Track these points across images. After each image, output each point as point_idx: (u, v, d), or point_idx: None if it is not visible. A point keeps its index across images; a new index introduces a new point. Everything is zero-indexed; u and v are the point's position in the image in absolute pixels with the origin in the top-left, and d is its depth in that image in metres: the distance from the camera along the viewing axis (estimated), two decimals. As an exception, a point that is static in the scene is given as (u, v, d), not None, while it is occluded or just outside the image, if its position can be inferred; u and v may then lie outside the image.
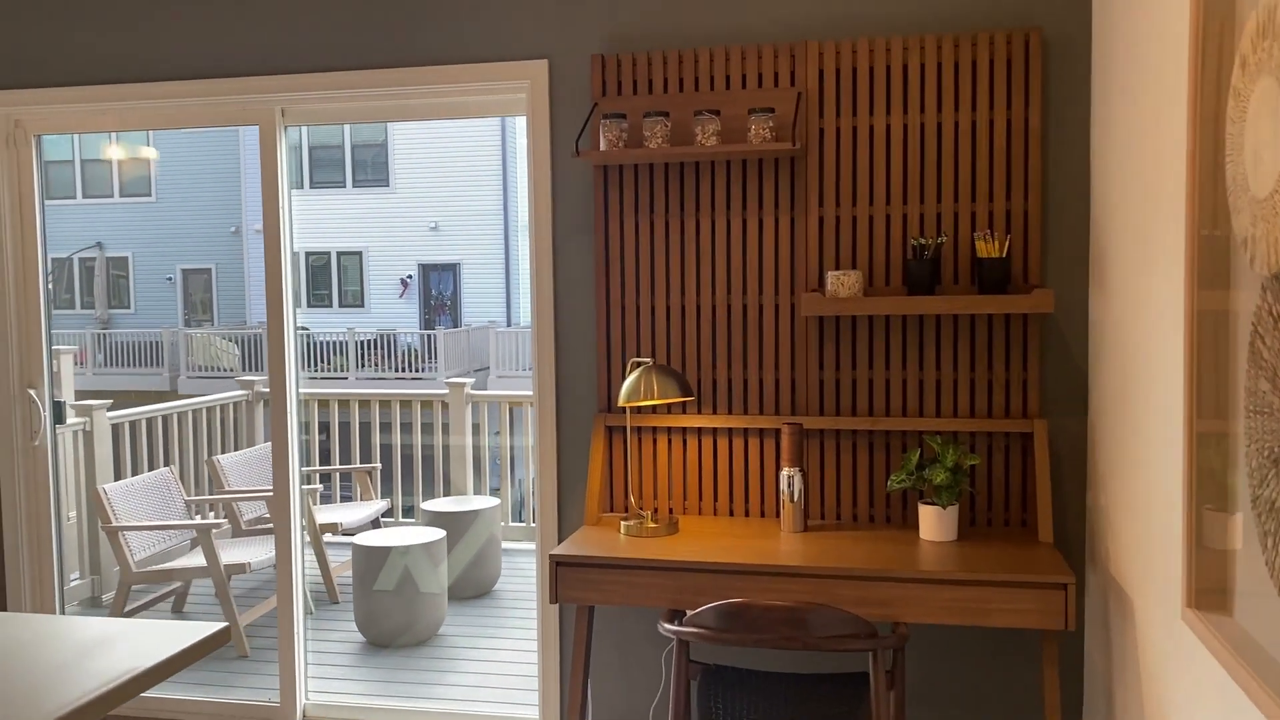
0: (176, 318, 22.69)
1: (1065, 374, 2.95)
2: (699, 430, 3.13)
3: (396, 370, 19.19)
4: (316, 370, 19.47)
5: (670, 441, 3.15)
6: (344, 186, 21.92)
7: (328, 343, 19.64)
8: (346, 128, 21.77)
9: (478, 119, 4.21)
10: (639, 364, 2.98)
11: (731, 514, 3.13)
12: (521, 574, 5.83)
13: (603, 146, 3.00)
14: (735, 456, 3.12)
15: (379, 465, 6.15)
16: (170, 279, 22.91)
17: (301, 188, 21.91)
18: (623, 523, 2.93)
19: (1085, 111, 2.90)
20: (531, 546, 6.18)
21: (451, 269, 21.72)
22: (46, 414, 3.70)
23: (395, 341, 19.74)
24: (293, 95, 3.41)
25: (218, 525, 4.79)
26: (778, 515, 3.09)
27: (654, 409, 3.14)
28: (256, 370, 19.64)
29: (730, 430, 3.11)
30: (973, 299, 2.75)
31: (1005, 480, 2.98)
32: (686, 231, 3.11)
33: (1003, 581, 2.50)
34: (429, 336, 19.41)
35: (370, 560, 4.85)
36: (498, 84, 3.24)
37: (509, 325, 20.73)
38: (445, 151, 21.15)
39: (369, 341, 19.61)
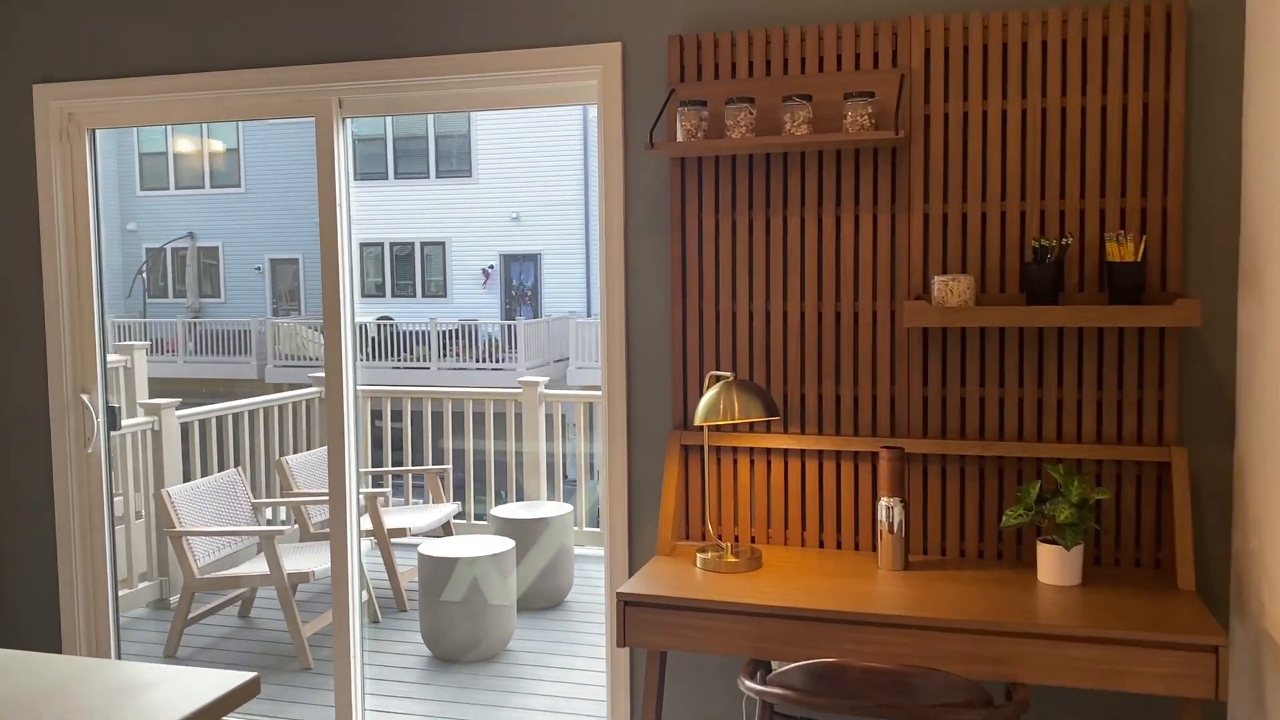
0: (265, 307, 23.04)
1: (1209, 395, 2.57)
2: (785, 452, 2.82)
3: (477, 360, 19.18)
4: (399, 360, 19.58)
5: (753, 463, 2.85)
6: (428, 177, 21.99)
7: (411, 332, 19.73)
8: (431, 119, 21.83)
9: (558, 107, 3.96)
10: (718, 378, 2.69)
11: (821, 546, 2.81)
12: (595, 584, 5.58)
13: (680, 137, 2.71)
14: (826, 482, 2.80)
15: (450, 467, 5.96)
16: (259, 269, 23.26)
17: (386, 179, 22.06)
18: (699, 555, 2.64)
19: (1236, 93, 2.51)
20: (606, 554, 5.94)
21: (533, 259, 21.63)
22: (100, 420, 3.55)
23: (476, 331, 19.72)
24: (349, 85, 3.19)
25: (279, 531, 4.62)
26: (873, 549, 2.77)
27: (735, 428, 2.84)
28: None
29: (820, 453, 2.80)
30: (1103, 310, 2.39)
31: (1137, 516, 2.61)
32: (773, 231, 2.80)
33: (1141, 641, 2.15)
34: (509, 327, 19.34)
35: (436, 571, 4.65)
36: (566, 70, 2.97)
37: (589, 316, 20.57)
38: (527, 141, 21.05)
39: (451, 331, 19.64)
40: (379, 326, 20.26)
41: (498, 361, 19.20)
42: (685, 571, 2.60)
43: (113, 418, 3.63)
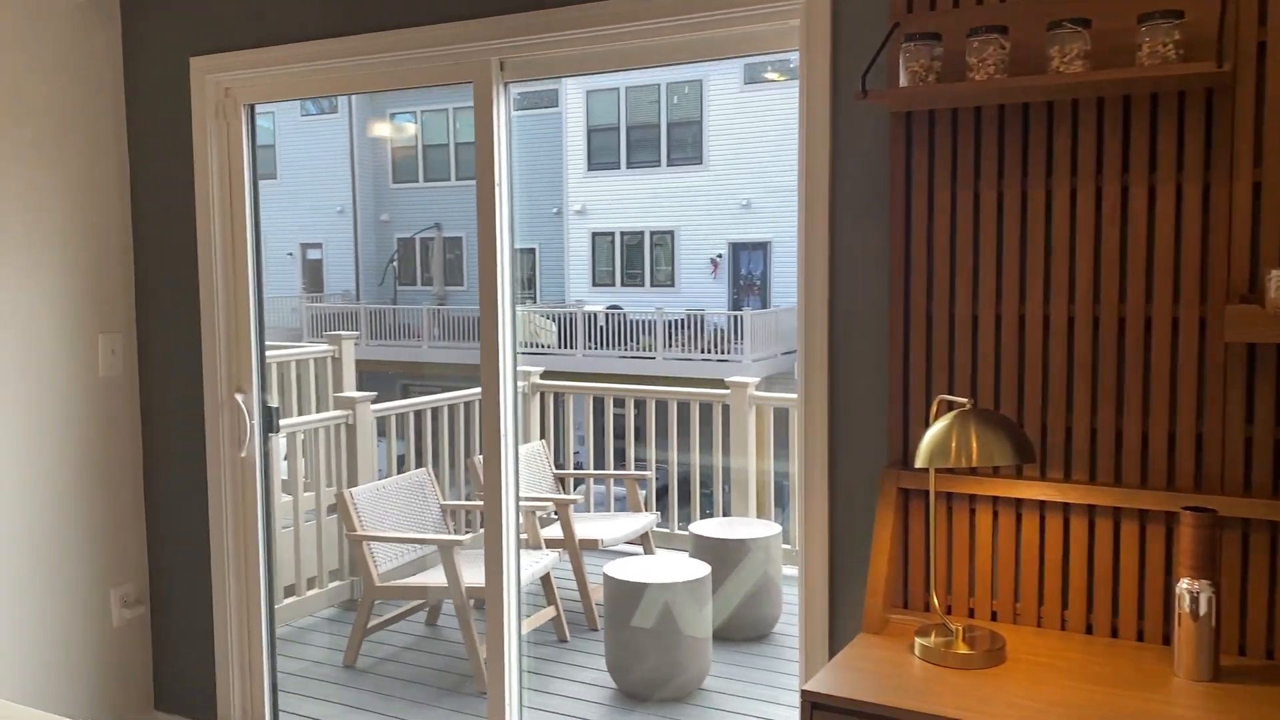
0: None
1: None
2: (1041, 505, 2.11)
3: (703, 351, 18.77)
4: (626, 349, 19.49)
5: (996, 517, 2.15)
6: (659, 166, 21.79)
7: (638, 321, 19.60)
8: (664, 105, 21.61)
9: (785, 84, 3.36)
10: (950, 405, 2.02)
11: (1089, 632, 2.08)
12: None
13: (904, 82, 2.05)
14: (1099, 549, 2.07)
15: (651, 473, 5.48)
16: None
17: (619, 168, 22.04)
18: (919, 640, 1.98)
19: None
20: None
21: (762, 248, 21.00)
22: (254, 423, 3.27)
23: (703, 322, 19.32)
24: (512, 43, 2.71)
25: (459, 541, 4.27)
26: (1164, 642, 2.02)
27: (973, 470, 2.15)
28: (570, 347, 19.98)
29: (1092, 509, 2.07)
30: None
31: None
32: (1032, 207, 2.09)
33: None
34: (736, 318, 18.81)
35: (622, 595, 4.16)
36: (764, 8, 2.36)
37: (821, 307, 19.70)
38: (759, 125, 20.41)
39: (677, 321, 19.34)
40: (608, 315, 20.27)
41: (724, 353, 18.73)
42: (898, 661, 1.96)
43: (270, 419, 3.35)
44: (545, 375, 6.33)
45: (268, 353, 6.13)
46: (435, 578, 4.42)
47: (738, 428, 5.56)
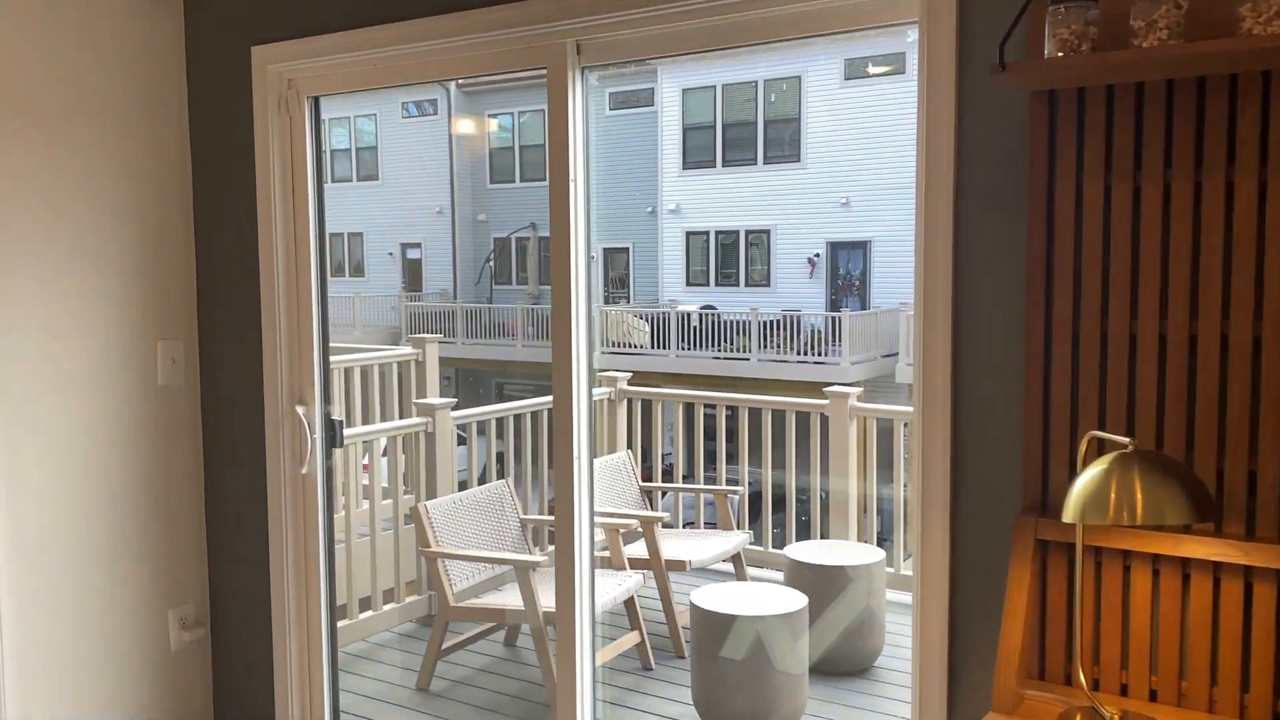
0: (597, 294, 23.52)
1: None
2: (1217, 568, 1.73)
3: (798, 353, 18.30)
4: (720, 349, 19.13)
5: (1157, 577, 1.78)
6: (755, 164, 21.37)
7: (732, 322, 19.23)
8: (760, 102, 21.19)
9: (891, 77, 3.01)
10: (1103, 443, 1.66)
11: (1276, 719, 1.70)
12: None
13: (1051, 52, 1.69)
14: (1291, 621, 1.69)
15: (742, 489, 5.16)
16: (593, 257, 23.60)
17: (714, 166, 21.69)
18: (1063, 728, 1.63)
19: None
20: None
21: (862, 247, 20.38)
22: (316, 436, 3.05)
23: (799, 322, 18.85)
24: (588, 22, 2.43)
25: (535, 562, 4.01)
26: (1379, 743, 1.63)
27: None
28: (663, 347, 19.74)
29: (1283, 572, 1.69)
30: None
31: None
32: (1208, 204, 1.71)
33: None
34: (834, 318, 18.29)
35: (709, 626, 3.85)
36: (875, -27, 2.04)
37: (923, 308, 19.04)
38: (859, 122, 19.83)
39: (773, 322, 18.91)
40: (702, 315, 19.96)
41: (820, 355, 18.22)
42: (1038, 754, 1.61)
43: (334, 433, 3.13)
44: (634, 380, 6.06)
45: (350, 357, 6.03)
46: (513, 598, 4.17)
47: (837, 441, 5.19)
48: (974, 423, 1.97)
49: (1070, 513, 1.57)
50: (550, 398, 5.47)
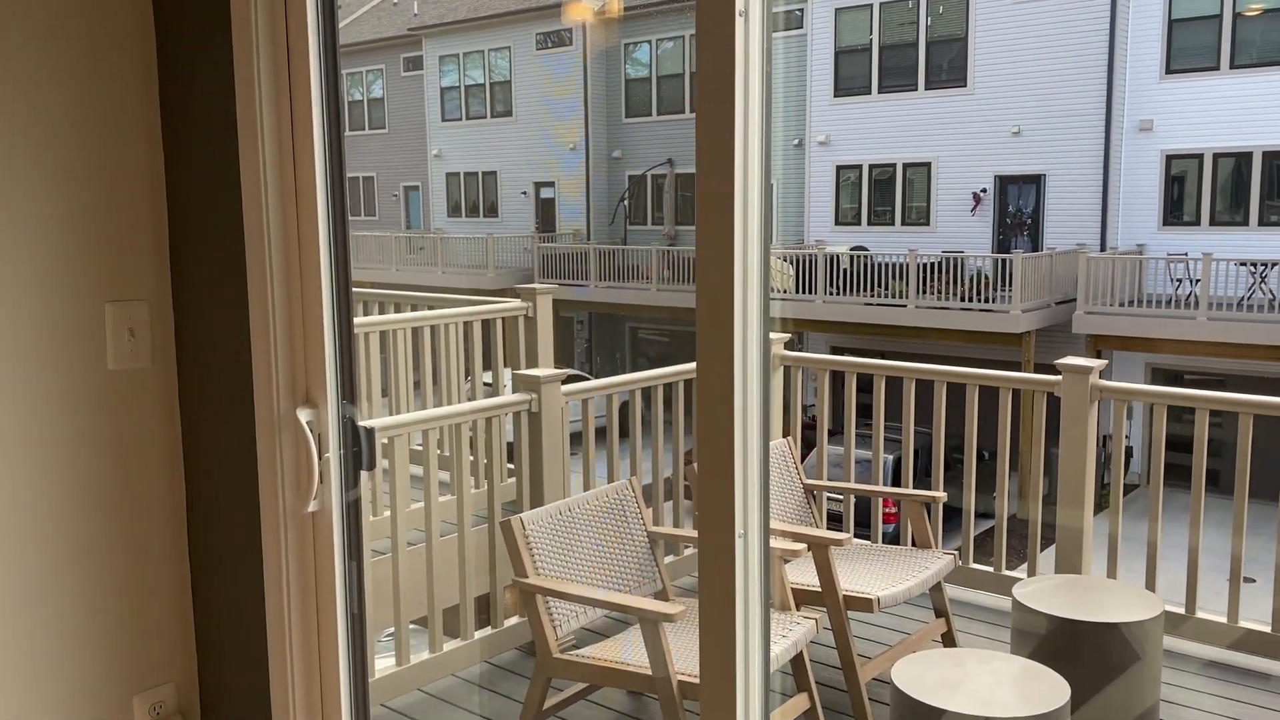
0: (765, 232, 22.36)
1: None
2: None
3: (961, 299, 16.61)
4: (873, 294, 17.58)
5: None
6: (915, 90, 19.48)
7: (887, 264, 17.62)
8: (922, 21, 19.22)
9: None
10: None
11: None
12: (1191, 701, 3.25)
13: None
14: None
15: (943, 494, 3.90)
16: (771, 185, 22.52)
17: (869, 93, 19.89)
18: None
19: None
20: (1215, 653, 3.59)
21: (1034, 181, 18.37)
22: (332, 455, 1.97)
23: (963, 265, 17.13)
24: None
25: (668, 615, 2.86)
26: None
27: None
28: (810, 292, 18.28)
29: None
30: None
31: None
32: None
33: None
34: (1003, 261, 16.48)
35: (910, 714, 2.65)
36: None
37: (1103, 250, 17.02)
38: (1035, 41, 17.76)
39: (932, 265, 17.22)
40: (852, 258, 18.37)
41: (987, 301, 16.50)
42: None
43: (362, 448, 2.04)
44: (790, 346, 4.85)
45: (423, 314, 4.90)
46: (640, 650, 3.06)
47: (1073, 433, 3.85)
48: None
49: None
50: (682, 367, 4.23)
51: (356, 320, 4.85)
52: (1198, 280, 14.63)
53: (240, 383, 2.02)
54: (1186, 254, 15.50)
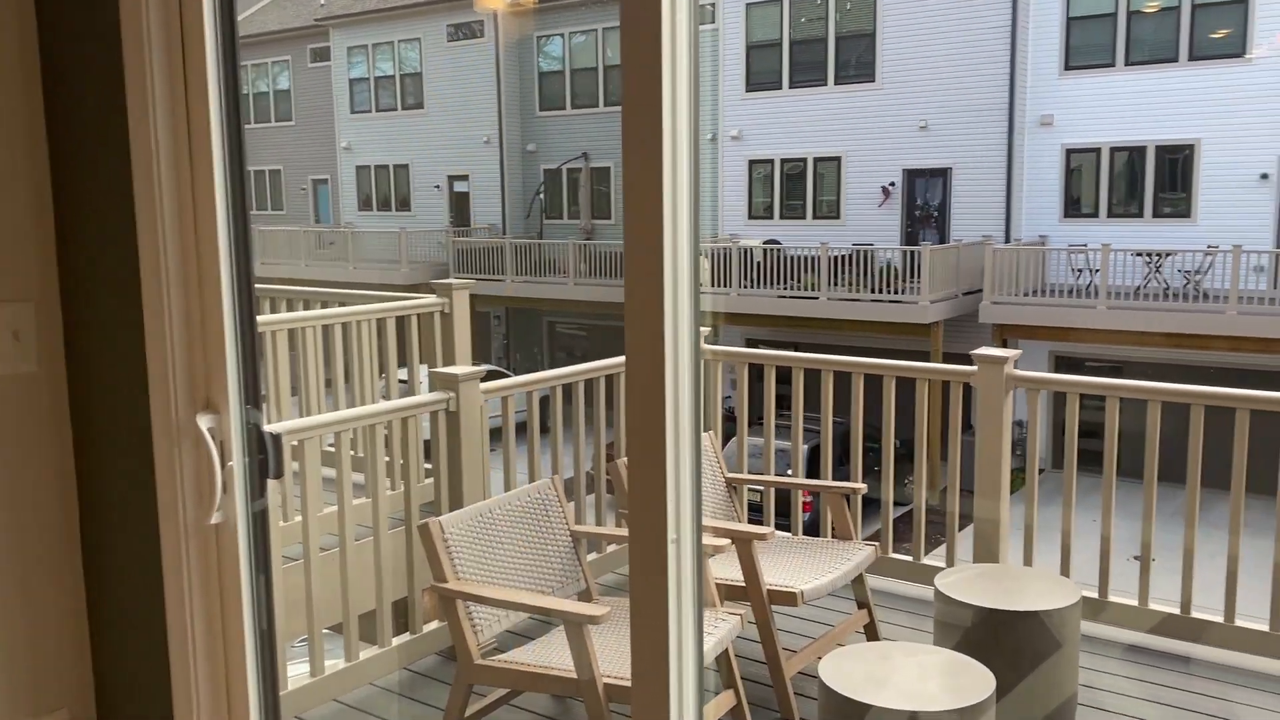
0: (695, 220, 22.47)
1: None
2: None
3: (872, 290, 16.86)
4: (785, 288, 17.74)
5: None
6: (825, 85, 19.70)
7: (800, 257, 17.79)
8: (831, 15, 19.43)
9: None
10: None
11: None
12: (1112, 691, 3.31)
13: None
14: None
15: (863, 485, 3.91)
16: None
17: (780, 88, 20.05)
18: None
19: None
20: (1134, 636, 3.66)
21: (941, 175, 18.74)
22: (237, 463, 1.87)
23: (873, 258, 17.38)
24: None
25: (593, 617, 2.80)
26: None
27: None
28: (724, 285, 18.38)
29: None
30: None
31: None
32: None
33: None
34: (911, 253, 16.78)
35: (837, 710, 2.64)
36: None
37: (1008, 241, 17.46)
38: (941, 38, 18.09)
39: (843, 257, 17.44)
40: (765, 251, 18.50)
41: (896, 292, 16.78)
42: None
43: (268, 455, 1.94)
44: (710, 339, 4.82)
45: (340, 311, 4.76)
46: (564, 653, 2.99)
47: (989, 423, 3.90)
48: None
49: None
50: (608, 362, 4.16)
51: (264, 318, 4.68)
52: (1097, 270, 15.08)
53: (136, 388, 1.90)
54: (1086, 245, 15.97)
